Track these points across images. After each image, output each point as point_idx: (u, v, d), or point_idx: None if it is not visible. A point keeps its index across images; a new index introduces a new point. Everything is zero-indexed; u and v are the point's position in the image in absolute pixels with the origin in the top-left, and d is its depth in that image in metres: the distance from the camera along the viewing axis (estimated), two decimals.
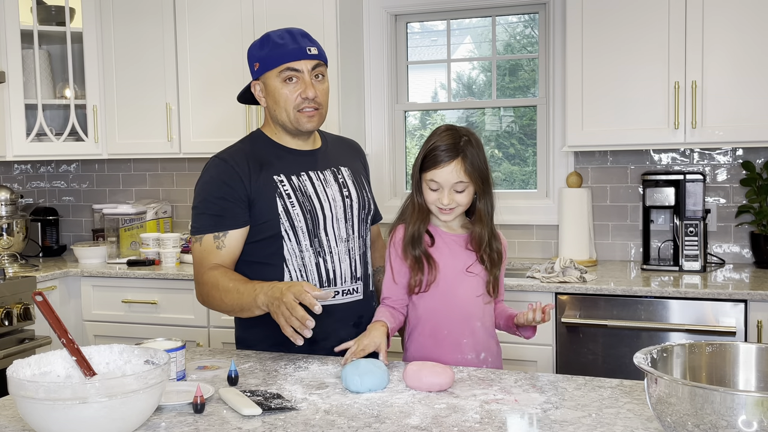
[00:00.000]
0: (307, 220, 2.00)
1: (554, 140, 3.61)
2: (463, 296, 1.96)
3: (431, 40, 3.99)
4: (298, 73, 1.98)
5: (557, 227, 3.51)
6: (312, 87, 1.98)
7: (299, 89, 1.99)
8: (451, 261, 1.96)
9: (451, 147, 1.90)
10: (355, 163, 2.21)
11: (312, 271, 2.01)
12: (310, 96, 1.98)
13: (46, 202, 4.33)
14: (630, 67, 3.13)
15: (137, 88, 3.76)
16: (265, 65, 2.01)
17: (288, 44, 1.98)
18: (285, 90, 1.99)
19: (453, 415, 1.49)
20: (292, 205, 1.99)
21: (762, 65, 2.99)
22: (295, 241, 2.00)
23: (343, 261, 2.05)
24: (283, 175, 2.02)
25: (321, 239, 2.02)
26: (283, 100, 2.00)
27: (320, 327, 1.98)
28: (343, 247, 2.05)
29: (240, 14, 3.56)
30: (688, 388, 1.19)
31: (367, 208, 2.14)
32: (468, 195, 1.93)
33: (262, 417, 1.49)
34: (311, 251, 2.01)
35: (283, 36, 2.00)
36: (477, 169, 1.91)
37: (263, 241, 2.00)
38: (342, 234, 2.05)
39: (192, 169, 4.10)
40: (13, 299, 3.17)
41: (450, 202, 1.91)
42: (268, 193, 1.99)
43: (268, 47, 2.00)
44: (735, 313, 2.75)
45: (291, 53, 1.98)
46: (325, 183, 2.06)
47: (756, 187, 3.25)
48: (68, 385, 1.28)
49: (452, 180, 1.90)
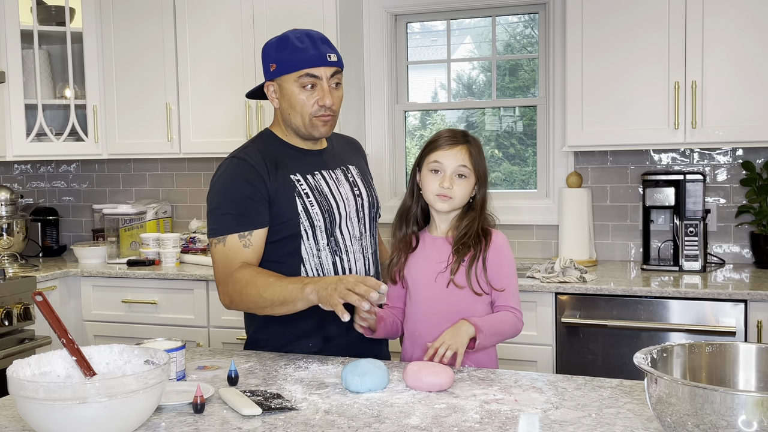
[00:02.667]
0: (325, 219, 1.99)
1: (554, 140, 3.61)
2: (430, 295, 1.95)
3: (431, 40, 3.99)
4: (317, 79, 1.96)
5: (557, 227, 3.51)
6: (330, 95, 1.97)
7: (317, 96, 1.97)
8: (424, 261, 1.97)
9: (458, 134, 1.96)
10: (360, 162, 2.21)
11: (329, 270, 2.01)
12: (328, 104, 1.97)
13: (46, 202, 4.33)
14: (630, 67, 3.13)
15: (137, 88, 3.76)
16: (283, 68, 1.98)
17: (308, 49, 1.95)
18: (302, 96, 1.97)
19: (453, 415, 1.49)
20: (311, 204, 1.98)
21: (762, 65, 2.99)
22: (313, 240, 1.99)
23: (358, 259, 2.05)
24: (299, 175, 2.01)
25: (337, 238, 2.02)
26: (300, 105, 1.98)
27: (336, 324, 1.98)
28: (358, 245, 2.05)
29: (240, 14, 3.56)
30: (688, 388, 1.19)
31: (376, 206, 2.15)
32: (467, 186, 1.93)
33: (262, 417, 1.49)
34: (328, 250, 2.00)
35: (302, 39, 1.97)
36: (479, 162, 1.94)
37: (281, 241, 1.99)
38: (356, 233, 2.05)
39: (192, 169, 4.10)
40: (13, 299, 3.17)
41: (450, 186, 1.91)
42: (287, 193, 1.97)
43: (287, 50, 1.97)
44: (735, 313, 2.75)
45: (311, 59, 1.95)
46: (338, 182, 2.06)
47: (756, 187, 3.25)
48: (68, 385, 1.28)
49: (456, 163, 1.91)
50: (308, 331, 2.01)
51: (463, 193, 1.94)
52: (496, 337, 1.89)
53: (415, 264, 1.98)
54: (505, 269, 1.94)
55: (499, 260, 1.94)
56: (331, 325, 2.00)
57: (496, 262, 1.93)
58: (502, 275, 1.94)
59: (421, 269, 1.97)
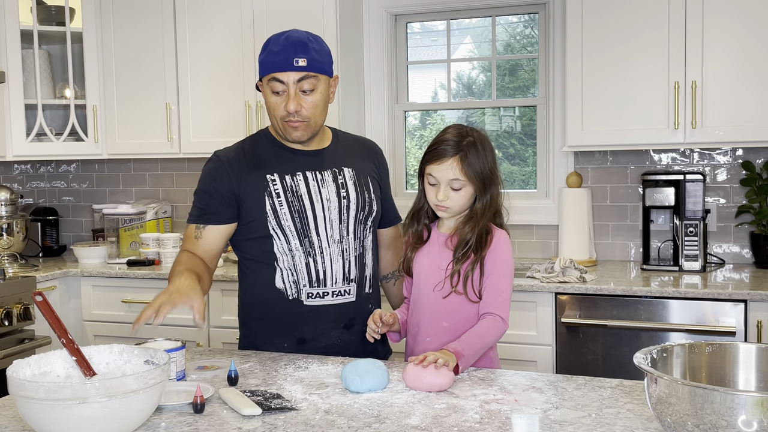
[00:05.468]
0: (295, 220, 1.99)
1: (554, 140, 3.61)
2: (429, 294, 1.94)
3: (431, 40, 3.99)
4: (283, 84, 1.96)
5: (557, 227, 3.51)
6: (294, 101, 1.96)
7: (283, 102, 1.98)
8: (427, 259, 1.96)
9: (453, 144, 1.88)
10: (365, 164, 2.16)
11: (302, 270, 2.01)
12: (291, 110, 1.96)
13: (46, 202, 4.33)
14: (630, 66, 3.13)
15: (137, 88, 3.76)
16: (260, 71, 2.02)
17: (279, 53, 1.95)
18: (272, 99, 1.99)
19: (453, 415, 1.49)
20: (280, 204, 1.99)
21: (762, 65, 2.99)
22: (284, 240, 2.00)
23: (335, 262, 2.03)
24: (276, 175, 2.02)
25: (312, 239, 2.01)
26: (272, 109, 2.01)
27: (310, 327, 2.01)
28: (336, 248, 2.04)
29: (240, 14, 3.56)
30: (688, 388, 1.19)
31: (367, 209, 2.10)
32: (465, 195, 1.90)
33: (262, 417, 1.49)
34: (301, 251, 2.01)
35: (279, 42, 1.97)
36: (477, 170, 1.88)
37: (256, 240, 2.02)
38: (335, 235, 2.04)
39: (192, 169, 4.10)
40: (13, 299, 3.17)
41: (444, 198, 1.89)
42: (257, 192, 2.00)
43: (264, 53, 2.00)
44: (735, 313, 2.75)
45: (277, 64, 1.95)
46: (321, 183, 2.04)
47: (756, 187, 3.25)
48: (68, 385, 1.28)
49: (448, 176, 1.88)
50: (282, 331, 2.03)
51: (461, 202, 1.91)
52: (479, 353, 1.85)
53: (420, 260, 1.98)
54: (497, 267, 1.89)
55: (494, 258, 1.90)
56: (305, 327, 2.02)
57: (490, 260, 1.90)
58: (493, 272, 1.89)
59: (424, 267, 1.97)
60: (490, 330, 1.87)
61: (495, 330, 1.88)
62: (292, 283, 2.01)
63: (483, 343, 1.85)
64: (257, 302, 2.07)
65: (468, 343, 1.81)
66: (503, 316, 1.89)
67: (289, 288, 2.01)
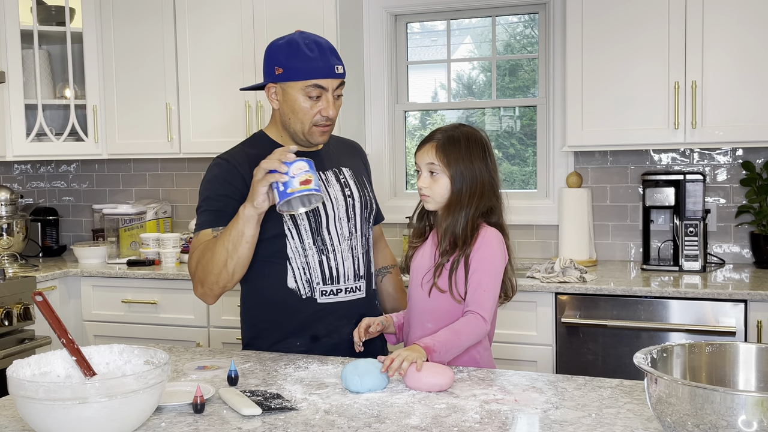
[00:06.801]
0: (310, 219, 2.02)
1: (554, 140, 3.61)
2: (418, 291, 1.95)
3: (431, 40, 3.99)
4: (324, 90, 1.99)
5: (557, 227, 3.51)
6: (333, 107, 2.00)
7: (320, 107, 1.99)
8: (420, 256, 1.98)
9: (436, 132, 1.95)
10: (357, 164, 2.22)
11: (315, 268, 2.02)
12: (331, 116, 2.00)
13: (46, 202, 4.33)
14: (630, 66, 3.13)
15: (137, 88, 3.76)
16: (291, 75, 1.98)
17: (318, 60, 1.97)
18: (306, 104, 1.99)
19: (453, 415, 1.49)
20: None
21: (762, 65, 2.99)
22: (298, 239, 2.01)
23: (346, 259, 2.06)
24: None
25: (324, 238, 2.03)
26: (303, 113, 2.00)
27: (323, 324, 2.02)
28: (346, 245, 2.06)
29: (240, 14, 3.56)
30: (688, 388, 1.19)
31: (369, 207, 2.15)
32: (439, 183, 1.90)
33: (262, 417, 1.49)
34: (314, 249, 2.02)
35: (312, 48, 1.98)
36: (452, 158, 1.88)
37: (267, 240, 2.01)
38: (345, 233, 2.06)
39: (192, 170, 4.10)
40: (13, 299, 3.17)
41: (424, 185, 1.92)
42: None
43: (297, 58, 1.97)
44: (735, 313, 2.75)
45: (321, 70, 1.97)
46: (327, 183, 2.07)
47: (756, 187, 3.25)
48: (68, 385, 1.28)
49: (424, 161, 1.92)
50: (295, 330, 2.03)
51: (438, 191, 1.90)
52: (454, 350, 1.81)
53: (415, 258, 2.00)
54: (482, 265, 1.85)
55: (480, 256, 1.86)
56: (318, 325, 2.03)
57: (476, 258, 1.86)
58: (477, 270, 1.85)
59: (417, 264, 1.98)
60: (469, 328, 1.82)
61: (473, 328, 1.82)
62: (305, 282, 2.02)
63: (458, 340, 1.80)
64: (267, 303, 2.06)
65: (440, 339, 1.77)
66: (484, 316, 1.83)
67: (302, 287, 2.02)
